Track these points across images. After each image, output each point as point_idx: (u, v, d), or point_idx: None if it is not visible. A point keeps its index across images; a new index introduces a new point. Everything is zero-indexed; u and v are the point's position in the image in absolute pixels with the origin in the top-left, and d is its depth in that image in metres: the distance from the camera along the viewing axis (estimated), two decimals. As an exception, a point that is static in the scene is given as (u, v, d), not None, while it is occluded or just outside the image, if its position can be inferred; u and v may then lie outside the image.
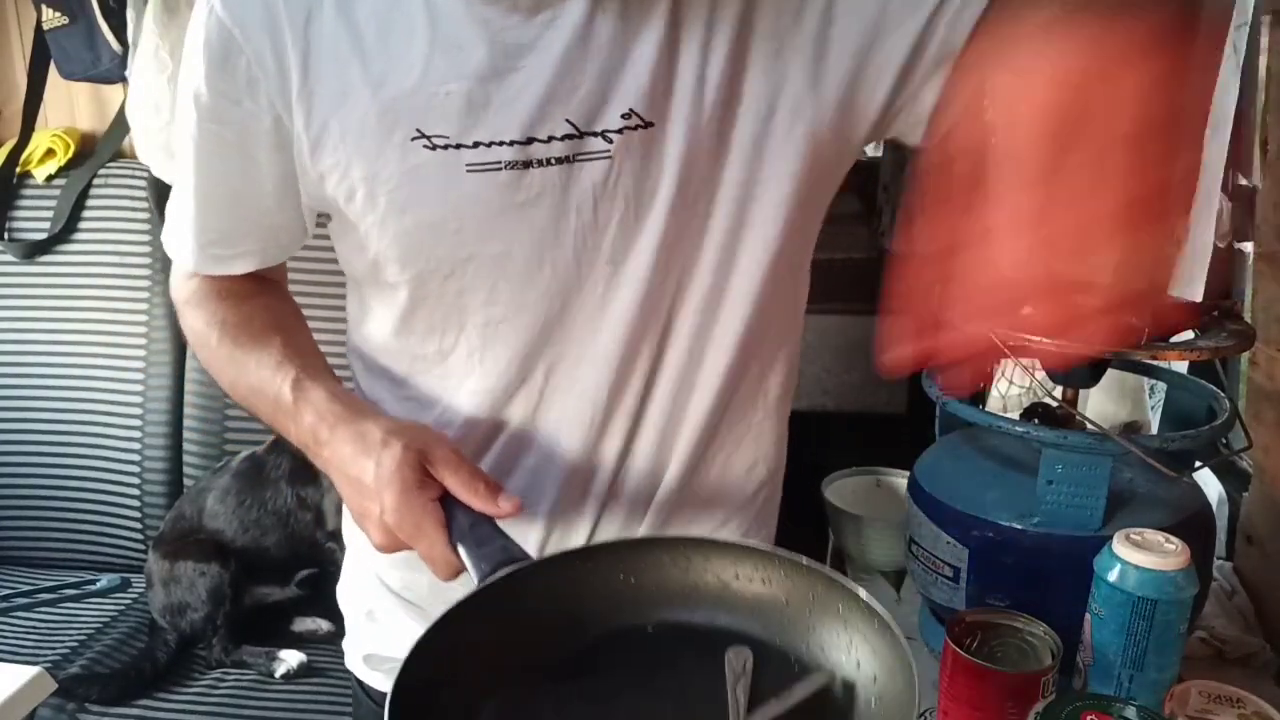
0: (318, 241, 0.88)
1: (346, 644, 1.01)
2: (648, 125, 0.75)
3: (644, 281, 0.79)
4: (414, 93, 0.73)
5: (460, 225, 0.76)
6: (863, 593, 0.61)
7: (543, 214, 0.76)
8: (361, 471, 0.71)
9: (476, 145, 0.74)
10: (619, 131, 0.74)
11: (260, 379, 0.80)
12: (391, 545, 0.71)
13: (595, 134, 0.74)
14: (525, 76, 0.73)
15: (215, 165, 0.81)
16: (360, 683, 1.00)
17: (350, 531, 1.00)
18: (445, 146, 0.74)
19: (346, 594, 1.01)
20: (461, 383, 0.83)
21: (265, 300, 0.88)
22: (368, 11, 0.74)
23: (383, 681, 0.97)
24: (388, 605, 0.95)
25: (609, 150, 0.75)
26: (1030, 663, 0.77)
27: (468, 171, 0.74)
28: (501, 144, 0.74)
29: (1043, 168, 0.51)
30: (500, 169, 0.74)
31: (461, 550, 0.68)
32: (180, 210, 0.85)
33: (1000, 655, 0.78)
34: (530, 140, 0.74)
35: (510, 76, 0.73)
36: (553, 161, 0.74)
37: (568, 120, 0.74)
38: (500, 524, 0.70)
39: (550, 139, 0.74)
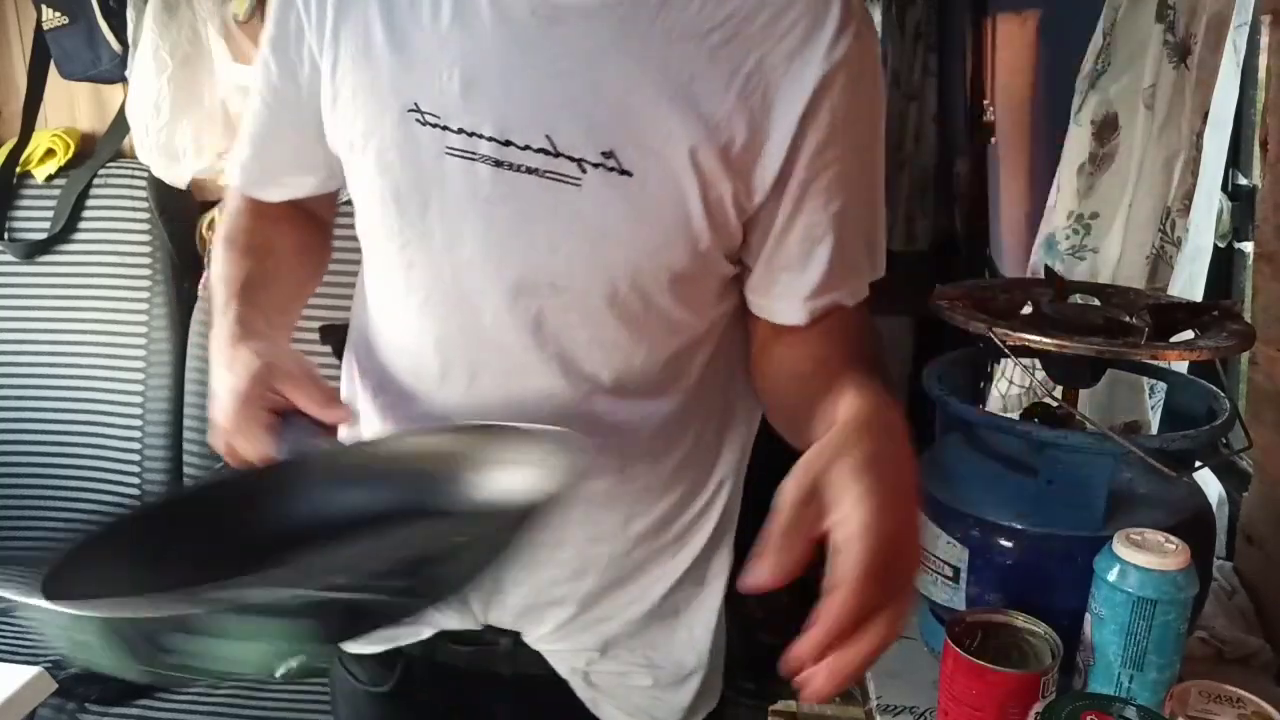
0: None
1: None
2: (625, 173, 0.73)
3: (589, 315, 0.78)
4: (421, 65, 0.75)
5: (426, 201, 0.77)
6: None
7: (503, 216, 0.76)
8: (220, 378, 0.75)
9: (460, 132, 0.75)
10: (595, 166, 0.73)
11: (218, 279, 0.87)
12: (225, 449, 0.75)
13: (570, 159, 0.73)
14: (522, 80, 0.74)
15: (272, 103, 0.88)
16: None
17: None
18: (434, 125, 0.75)
19: None
20: (397, 356, 0.86)
21: (279, 226, 0.93)
22: None
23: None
24: None
25: (579, 179, 0.74)
26: (1030, 663, 0.77)
27: (447, 154, 0.75)
28: (480, 137, 0.74)
29: None
30: (476, 160, 0.75)
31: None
32: (244, 140, 0.92)
33: (1000, 655, 0.78)
34: (508, 142, 0.74)
35: (509, 75, 0.74)
36: (524, 170, 0.74)
37: (546, 135, 0.73)
38: None
39: (526, 147, 0.74)
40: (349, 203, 0.88)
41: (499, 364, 0.81)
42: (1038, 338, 0.85)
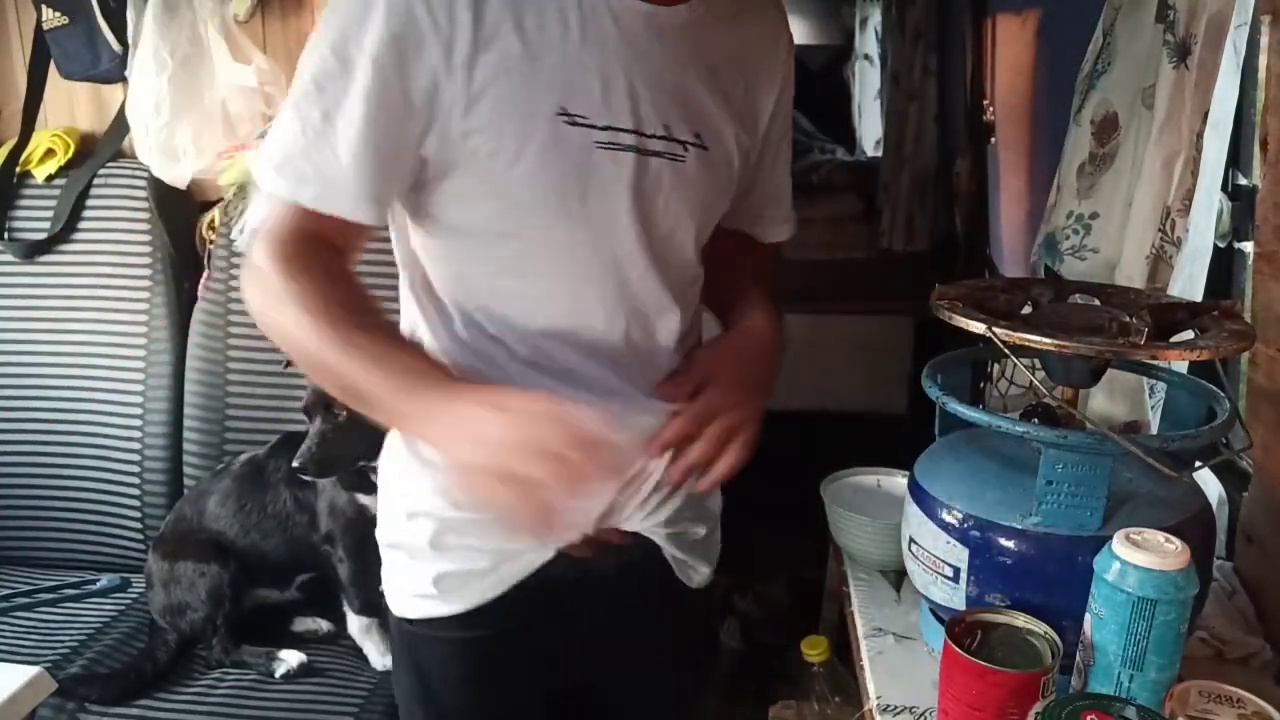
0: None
1: (394, 587, 1.06)
2: (704, 148, 0.94)
3: (684, 260, 0.99)
4: (562, 75, 0.87)
5: (583, 192, 0.90)
6: None
7: (643, 192, 0.92)
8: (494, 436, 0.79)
9: (605, 128, 0.89)
10: (692, 145, 0.94)
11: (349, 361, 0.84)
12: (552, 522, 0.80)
13: (678, 140, 0.93)
14: (644, 82, 0.90)
15: (379, 115, 0.85)
16: (412, 622, 1.05)
17: (395, 471, 1.04)
18: (582, 125, 0.88)
19: (394, 533, 1.05)
20: (555, 324, 0.95)
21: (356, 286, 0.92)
22: None
23: (441, 606, 1.02)
24: (458, 525, 1.00)
25: (684, 156, 0.93)
26: (1030, 663, 0.77)
27: (597, 148, 0.89)
28: (621, 130, 0.89)
29: None
30: (620, 150, 0.90)
31: None
32: (341, 162, 0.86)
33: (1000, 655, 0.78)
34: (639, 132, 0.90)
35: (635, 79, 0.89)
36: (652, 153, 0.91)
37: (664, 124, 0.91)
38: None
39: (652, 135, 0.91)
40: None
41: (639, 314, 0.97)
42: (1038, 338, 0.85)
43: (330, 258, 0.90)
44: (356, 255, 0.94)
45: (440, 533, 1.01)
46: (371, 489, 1.70)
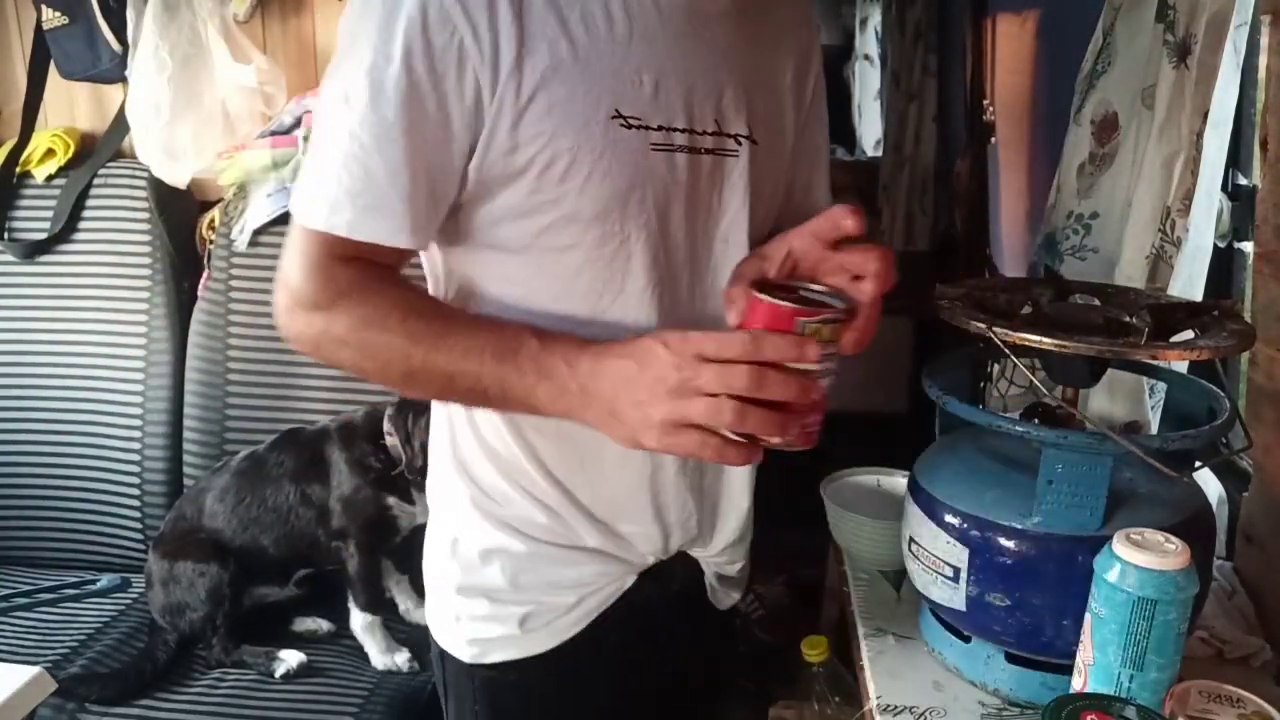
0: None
1: (467, 632, 1.00)
2: (755, 142, 0.91)
3: (740, 258, 0.93)
4: (614, 76, 0.83)
5: (643, 195, 0.87)
6: None
7: (695, 194, 0.89)
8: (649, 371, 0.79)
9: (660, 129, 0.85)
10: (745, 139, 0.90)
11: (473, 347, 0.83)
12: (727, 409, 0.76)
13: (729, 135, 0.89)
14: (694, 76, 0.87)
15: (419, 138, 0.81)
16: (493, 666, 0.99)
17: (455, 511, 0.99)
18: (637, 127, 0.84)
19: (466, 577, 0.99)
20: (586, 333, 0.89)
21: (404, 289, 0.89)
22: None
23: (528, 647, 0.98)
24: (535, 561, 0.98)
25: (738, 151, 0.90)
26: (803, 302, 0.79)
27: (651, 149, 0.85)
28: (674, 130, 0.86)
29: None
30: (674, 151, 0.86)
31: None
32: (377, 183, 0.82)
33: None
34: (691, 130, 0.87)
35: (683, 74, 0.86)
36: (703, 151, 0.88)
37: (716, 120, 0.89)
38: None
39: (704, 132, 0.88)
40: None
41: (696, 324, 0.91)
42: (1038, 338, 0.85)
43: (383, 271, 0.87)
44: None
45: (519, 571, 0.97)
46: (400, 492, 1.71)
